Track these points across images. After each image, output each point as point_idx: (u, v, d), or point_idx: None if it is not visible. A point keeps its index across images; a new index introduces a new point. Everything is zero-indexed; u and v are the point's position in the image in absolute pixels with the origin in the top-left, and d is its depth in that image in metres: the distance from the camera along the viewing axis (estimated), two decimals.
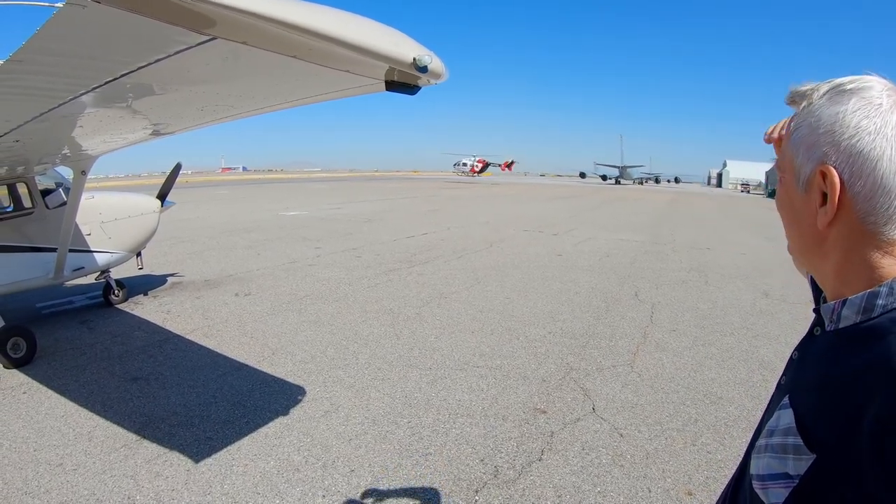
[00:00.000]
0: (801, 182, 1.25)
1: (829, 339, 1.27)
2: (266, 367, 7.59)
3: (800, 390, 1.29)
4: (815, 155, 1.20)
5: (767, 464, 1.26)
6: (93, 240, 9.83)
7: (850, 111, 1.16)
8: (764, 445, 1.29)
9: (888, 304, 1.14)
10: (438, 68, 2.70)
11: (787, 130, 1.30)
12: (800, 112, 1.26)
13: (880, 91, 1.16)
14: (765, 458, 1.27)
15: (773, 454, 1.24)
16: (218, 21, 2.19)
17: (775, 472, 1.22)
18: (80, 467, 5.19)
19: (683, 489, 4.99)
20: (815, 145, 1.20)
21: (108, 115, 4.50)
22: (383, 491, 4.87)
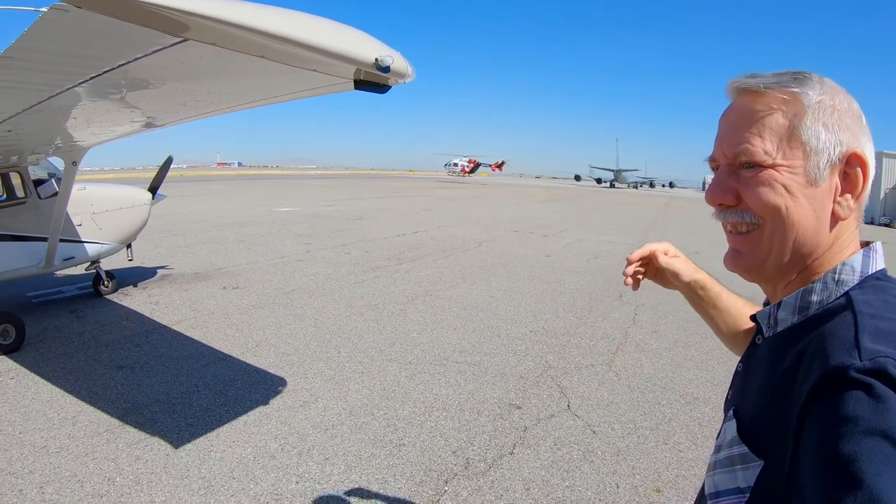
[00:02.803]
0: (818, 169, 1.17)
1: (768, 344, 1.29)
2: (249, 359, 7.70)
3: (741, 402, 1.31)
4: (832, 137, 1.17)
5: (718, 480, 1.24)
6: (84, 230, 9.89)
7: (846, 97, 1.21)
8: (713, 463, 1.29)
9: (823, 300, 1.17)
10: (402, 68, 2.80)
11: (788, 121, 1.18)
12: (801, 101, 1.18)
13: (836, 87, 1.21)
14: (714, 475, 1.26)
15: (721, 469, 1.23)
16: (186, 25, 2.34)
17: (727, 487, 1.20)
18: (63, 450, 5.30)
19: (652, 486, 5.08)
20: (843, 131, 1.18)
21: (95, 107, 4.63)
22: (355, 479, 4.98)
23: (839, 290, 1.16)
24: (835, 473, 0.87)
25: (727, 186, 1.26)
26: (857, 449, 0.86)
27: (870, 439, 0.86)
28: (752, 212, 1.22)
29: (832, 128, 1.17)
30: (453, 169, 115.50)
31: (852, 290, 1.14)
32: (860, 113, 1.21)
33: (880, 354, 0.94)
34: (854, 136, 1.18)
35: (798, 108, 1.18)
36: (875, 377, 0.91)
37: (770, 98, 1.20)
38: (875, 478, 0.82)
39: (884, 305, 1.07)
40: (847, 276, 1.17)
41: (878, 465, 0.83)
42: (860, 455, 0.85)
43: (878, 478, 0.82)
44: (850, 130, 1.18)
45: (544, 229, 25.40)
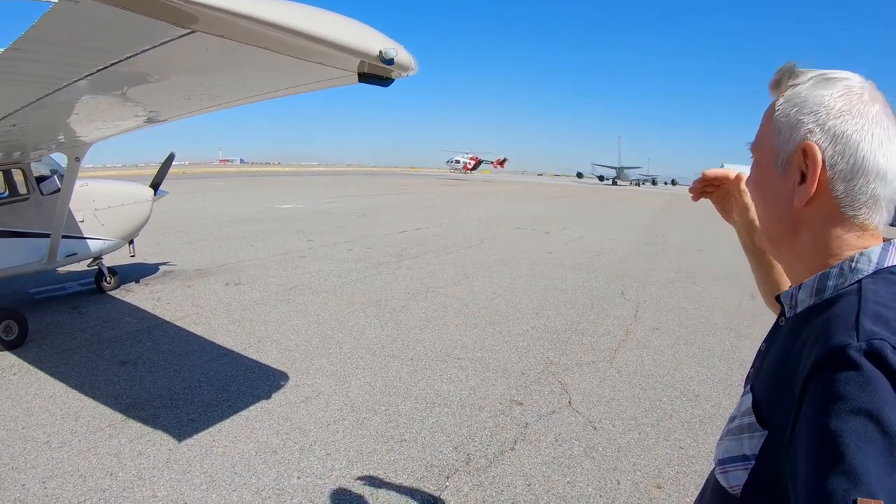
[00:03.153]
0: (780, 161, 1.29)
1: (789, 324, 1.34)
2: (251, 354, 7.71)
3: (760, 376, 1.37)
4: (796, 133, 1.25)
5: (726, 447, 1.31)
6: (86, 227, 9.90)
7: (836, 95, 1.23)
8: (725, 431, 1.35)
9: (839, 285, 1.21)
10: (405, 60, 2.82)
11: (767, 113, 1.34)
12: (782, 94, 1.31)
13: (860, 84, 1.24)
14: (724, 442, 1.33)
15: (731, 437, 1.30)
16: (195, 16, 2.35)
17: (734, 454, 1.28)
18: (65, 445, 5.32)
19: (653, 483, 5.09)
20: (798, 124, 1.25)
21: (101, 101, 4.63)
22: (356, 475, 4.99)
23: (854, 277, 1.19)
24: (821, 447, 0.95)
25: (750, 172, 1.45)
26: (842, 426, 0.93)
27: (855, 418, 0.92)
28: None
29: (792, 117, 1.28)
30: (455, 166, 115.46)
31: (865, 278, 1.18)
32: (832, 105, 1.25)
33: (876, 336, 0.99)
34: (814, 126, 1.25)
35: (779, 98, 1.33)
36: (868, 358, 0.97)
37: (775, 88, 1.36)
38: (856, 453, 0.90)
39: (891, 296, 1.11)
40: (863, 265, 1.20)
41: (860, 442, 0.90)
42: (845, 432, 0.92)
43: (859, 453, 0.89)
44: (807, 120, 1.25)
45: (546, 226, 25.43)
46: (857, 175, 1.20)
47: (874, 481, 0.88)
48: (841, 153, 1.20)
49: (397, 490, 4.81)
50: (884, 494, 0.87)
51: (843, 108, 1.22)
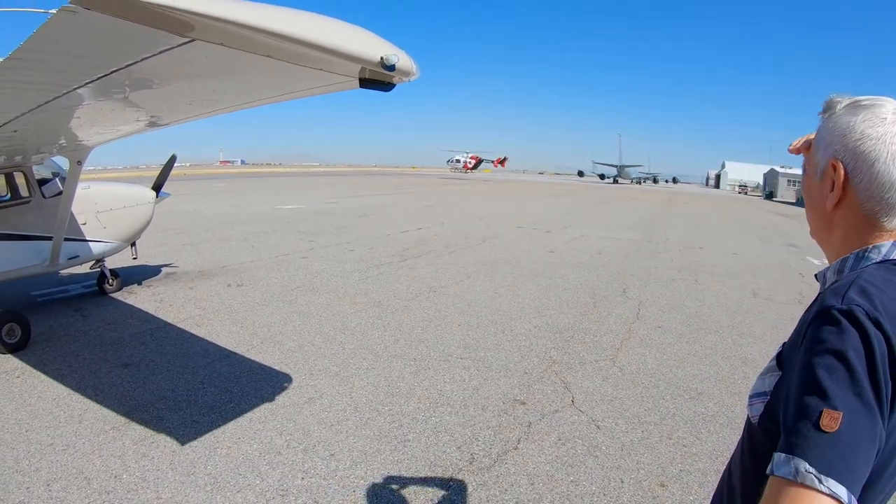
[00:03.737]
0: (818, 172, 1.60)
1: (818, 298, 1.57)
2: (254, 356, 7.72)
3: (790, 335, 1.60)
4: (829, 151, 1.55)
5: (755, 385, 1.62)
6: (88, 229, 9.90)
7: (860, 121, 1.50)
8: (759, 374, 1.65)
9: (854, 268, 1.51)
10: (407, 66, 2.82)
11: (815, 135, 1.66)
12: (825, 119, 1.61)
13: (889, 109, 1.49)
14: (755, 382, 1.63)
15: (760, 377, 1.61)
16: (194, 25, 2.36)
17: (758, 391, 1.58)
18: (69, 447, 5.32)
19: (656, 481, 5.10)
20: (830, 144, 1.55)
21: (102, 107, 4.65)
22: (360, 475, 5.00)
23: (864, 264, 1.50)
24: (803, 374, 1.29)
25: None
26: (819, 360, 1.27)
27: (829, 356, 1.26)
28: None
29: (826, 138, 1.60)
30: (456, 165, 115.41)
31: (871, 264, 1.49)
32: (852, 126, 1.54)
33: (853, 302, 1.32)
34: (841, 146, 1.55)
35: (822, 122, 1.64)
36: (844, 316, 1.30)
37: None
38: (826, 380, 1.23)
39: (883, 281, 1.42)
40: (873, 255, 1.50)
41: (830, 373, 1.24)
42: (820, 365, 1.26)
43: (828, 380, 1.23)
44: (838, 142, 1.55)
45: (547, 225, 25.46)
46: (874, 186, 1.47)
47: (837, 399, 1.21)
48: (860, 168, 1.49)
49: (401, 490, 4.83)
50: (843, 409, 1.20)
51: (863, 131, 1.49)
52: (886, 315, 1.31)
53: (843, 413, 1.20)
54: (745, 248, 20.68)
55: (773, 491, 1.24)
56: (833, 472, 1.17)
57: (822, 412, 1.21)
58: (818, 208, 1.64)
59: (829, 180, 1.55)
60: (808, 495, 1.17)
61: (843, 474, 1.17)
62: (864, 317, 1.29)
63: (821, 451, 1.19)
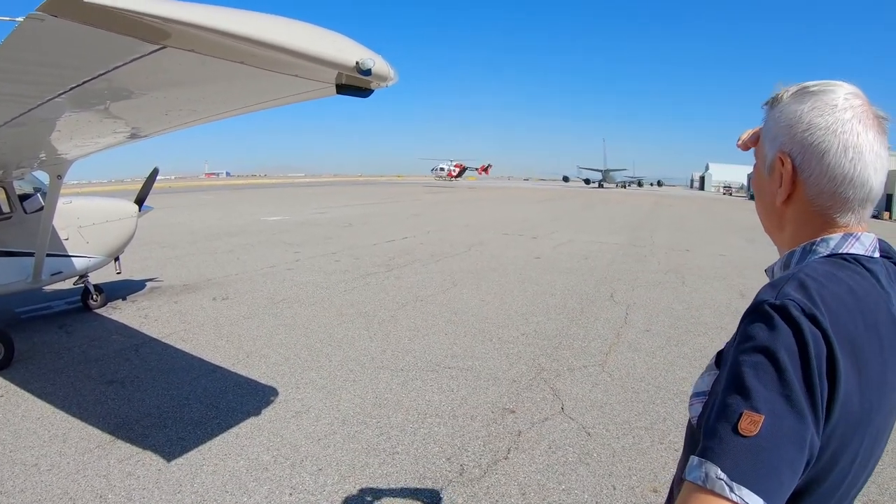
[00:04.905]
0: (766, 166, 1.52)
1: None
2: (240, 370, 7.65)
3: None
4: (776, 144, 1.47)
5: (696, 385, 1.54)
6: (70, 244, 9.83)
7: (807, 110, 1.41)
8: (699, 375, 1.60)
9: (800, 261, 1.44)
10: (383, 70, 2.78)
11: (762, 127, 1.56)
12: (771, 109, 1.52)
13: (840, 94, 1.40)
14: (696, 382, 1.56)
15: (700, 376, 1.55)
16: (164, 31, 2.31)
17: (698, 391, 1.50)
18: (54, 467, 5.25)
19: (649, 486, 5.07)
20: (776, 136, 1.47)
21: (78, 118, 4.58)
22: (349, 489, 4.94)
23: (811, 258, 1.43)
24: (730, 371, 1.23)
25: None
26: (746, 358, 1.21)
27: (756, 353, 1.20)
28: None
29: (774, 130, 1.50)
30: (440, 173, 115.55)
31: (817, 258, 1.42)
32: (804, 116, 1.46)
33: (788, 297, 1.24)
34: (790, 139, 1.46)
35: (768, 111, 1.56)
36: (776, 311, 1.22)
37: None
38: (751, 379, 1.17)
39: (826, 274, 1.33)
40: (821, 248, 1.43)
41: (756, 371, 1.18)
42: (747, 363, 1.20)
43: (753, 379, 1.17)
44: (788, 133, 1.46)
45: (533, 231, 25.49)
46: (824, 180, 1.39)
47: (761, 401, 1.14)
48: (808, 162, 1.41)
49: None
50: (766, 411, 1.13)
51: (811, 121, 1.40)
52: (827, 311, 1.23)
53: (764, 416, 1.13)
54: (732, 248, 20.72)
55: (684, 496, 1.17)
56: (747, 481, 1.10)
57: (742, 414, 1.14)
58: (767, 204, 1.57)
59: (777, 175, 1.48)
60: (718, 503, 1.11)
61: (758, 483, 1.10)
62: (799, 312, 1.21)
63: (735, 456, 1.12)
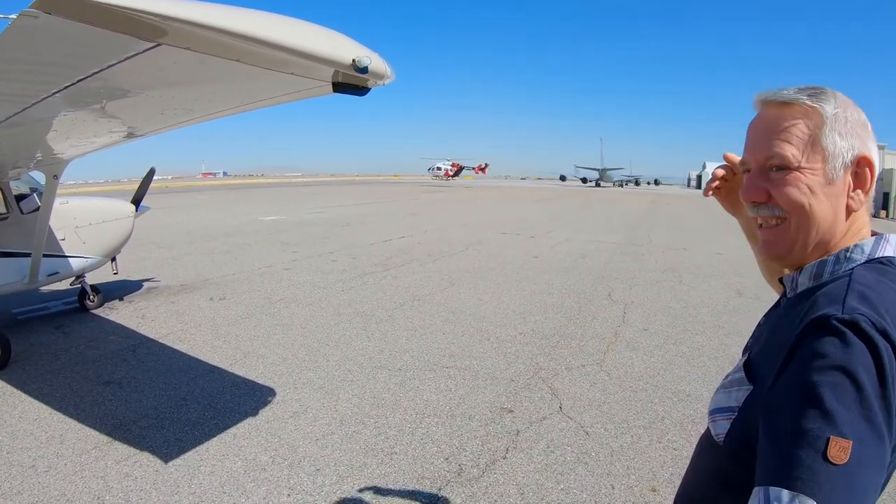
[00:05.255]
0: (836, 171, 1.42)
1: (788, 304, 1.54)
2: (237, 370, 7.63)
3: (755, 344, 1.58)
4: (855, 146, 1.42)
5: (717, 399, 1.53)
6: (67, 245, 9.80)
7: (859, 115, 1.45)
8: (719, 387, 1.58)
9: (834, 271, 1.42)
10: (380, 68, 2.76)
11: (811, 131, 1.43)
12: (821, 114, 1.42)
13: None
14: (717, 394, 1.56)
15: (723, 390, 1.52)
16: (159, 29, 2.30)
17: (722, 406, 1.49)
18: (51, 469, 5.22)
19: (647, 486, 5.05)
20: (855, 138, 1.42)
21: (73, 118, 4.56)
22: (347, 490, 4.93)
23: (848, 265, 1.41)
24: (803, 393, 1.15)
25: (759, 186, 1.50)
26: (823, 378, 1.13)
27: (834, 372, 1.13)
28: (780, 207, 1.46)
29: (846, 136, 1.41)
30: (437, 173, 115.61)
31: (857, 266, 1.39)
32: (866, 121, 1.46)
33: (857, 311, 1.19)
34: (862, 142, 1.43)
35: (818, 120, 1.41)
36: (848, 327, 1.17)
37: (795, 110, 1.44)
38: (832, 401, 1.10)
39: (876, 282, 1.31)
40: (856, 255, 1.41)
41: (837, 393, 1.11)
42: (824, 383, 1.12)
43: (834, 401, 1.10)
44: (860, 137, 1.43)
45: (531, 230, 25.48)
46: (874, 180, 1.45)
47: (846, 425, 1.08)
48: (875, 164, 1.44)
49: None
50: (853, 436, 1.07)
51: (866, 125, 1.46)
52: (892, 322, 1.19)
53: (852, 441, 1.07)
54: (729, 247, 20.67)
55: None
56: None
57: (830, 440, 1.07)
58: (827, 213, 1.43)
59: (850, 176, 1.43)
60: None
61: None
62: (871, 327, 1.16)
63: (831, 487, 1.05)
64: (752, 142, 1.53)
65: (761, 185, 1.49)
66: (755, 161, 1.51)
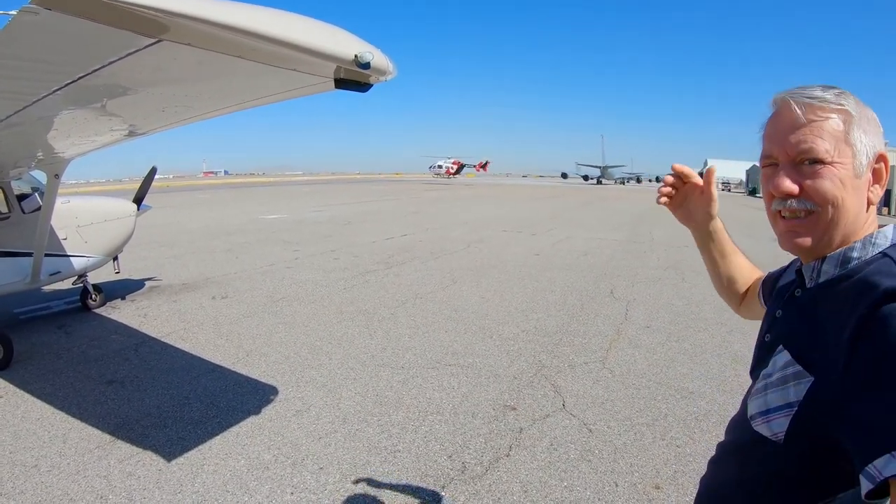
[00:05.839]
0: (863, 166, 1.49)
1: (811, 293, 1.58)
2: (240, 369, 7.62)
3: (791, 337, 1.58)
4: (875, 144, 1.51)
5: (768, 399, 1.53)
6: (69, 244, 9.80)
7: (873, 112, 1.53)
8: (763, 386, 1.58)
9: (862, 256, 1.48)
10: (382, 64, 2.75)
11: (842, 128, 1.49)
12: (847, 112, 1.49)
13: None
14: (765, 395, 1.55)
15: (774, 389, 1.52)
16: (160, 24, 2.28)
17: (778, 404, 1.49)
18: (54, 468, 5.21)
19: (651, 483, 5.03)
20: (874, 136, 1.51)
21: (74, 116, 4.55)
22: (350, 488, 4.92)
23: (875, 250, 1.47)
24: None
25: (792, 179, 1.53)
26: None
27: None
28: (812, 200, 1.50)
29: (869, 133, 1.50)
30: (438, 171, 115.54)
31: (886, 249, 1.46)
32: (878, 122, 1.55)
33: None
34: (879, 140, 1.53)
35: (847, 118, 1.48)
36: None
37: (824, 108, 1.49)
38: None
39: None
40: (881, 241, 1.49)
41: None
42: None
43: None
44: (878, 136, 1.52)
45: (533, 228, 25.48)
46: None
47: None
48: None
49: (392, 502, 4.74)
50: None
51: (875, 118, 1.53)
52: None
53: None
54: None
55: None
56: None
57: None
58: (851, 205, 1.50)
59: (870, 172, 1.52)
60: None
61: None
62: None
63: None
64: (780, 137, 1.55)
65: (794, 178, 1.53)
66: (786, 155, 1.54)
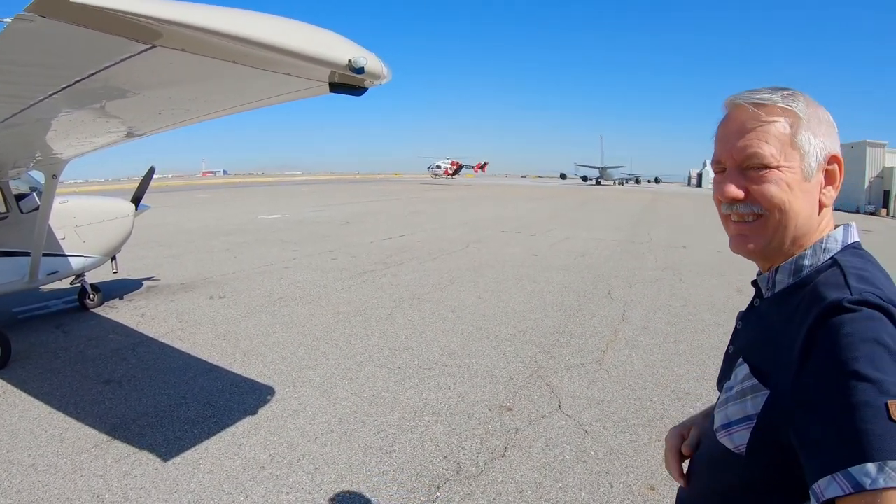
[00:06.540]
0: (812, 168, 1.49)
1: (768, 303, 1.59)
2: (237, 369, 7.64)
3: (749, 349, 1.58)
4: (826, 145, 1.50)
5: (728, 413, 1.51)
6: (67, 244, 9.80)
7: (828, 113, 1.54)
8: (724, 399, 1.57)
9: (814, 263, 1.48)
10: (376, 69, 2.76)
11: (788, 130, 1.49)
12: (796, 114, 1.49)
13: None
14: (726, 408, 1.53)
15: (734, 402, 1.50)
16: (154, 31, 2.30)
17: (738, 417, 1.47)
18: (51, 468, 5.23)
19: (646, 484, 5.05)
20: (825, 137, 1.50)
21: (71, 119, 4.56)
22: (346, 488, 4.93)
23: (826, 256, 1.48)
24: (843, 372, 1.17)
25: (738, 184, 1.53)
26: (856, 353, 1.16)
27: (864, 344, 1.17)
28: (758, 204, 1.50)
29: (818, 135, 1.49)
30: (437, 171, 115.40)
31: (836, 254, 1.47)
32: (832, 121, 1.55)
33: (865, 290, 1.27)
34: (831, 141, 1.52)
35: (794, 120, 1.48)
36: (862, 304, 1.23)
37: (771, 111, 1.49)
38: (873, 370, 1.13)
39: (862, 263, 1.41)
40: (831, 245, 1.49)
41: (873, 362, 1.14)
42: (859, 357, 1.16)
43: (875, 370, 1.13)
44: (830, 136, 1.52)
45: (531, 228, 25.50)
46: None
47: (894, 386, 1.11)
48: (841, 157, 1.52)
49: (388, 502, 4.76)
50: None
51: (830, 119, 1.54)
52: (892, 295, 1.28)
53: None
54: None
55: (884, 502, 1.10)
56: None
57: (888, 404, 1.11)
58: (804, 209, 1.50)
59: (822, 174, 1.51)
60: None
61: None
62: (882, 301, 1.24)
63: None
64: (727, 141, 1.57)
65: (740, 183, 1.53)
66: (732, 160, 1.55)
